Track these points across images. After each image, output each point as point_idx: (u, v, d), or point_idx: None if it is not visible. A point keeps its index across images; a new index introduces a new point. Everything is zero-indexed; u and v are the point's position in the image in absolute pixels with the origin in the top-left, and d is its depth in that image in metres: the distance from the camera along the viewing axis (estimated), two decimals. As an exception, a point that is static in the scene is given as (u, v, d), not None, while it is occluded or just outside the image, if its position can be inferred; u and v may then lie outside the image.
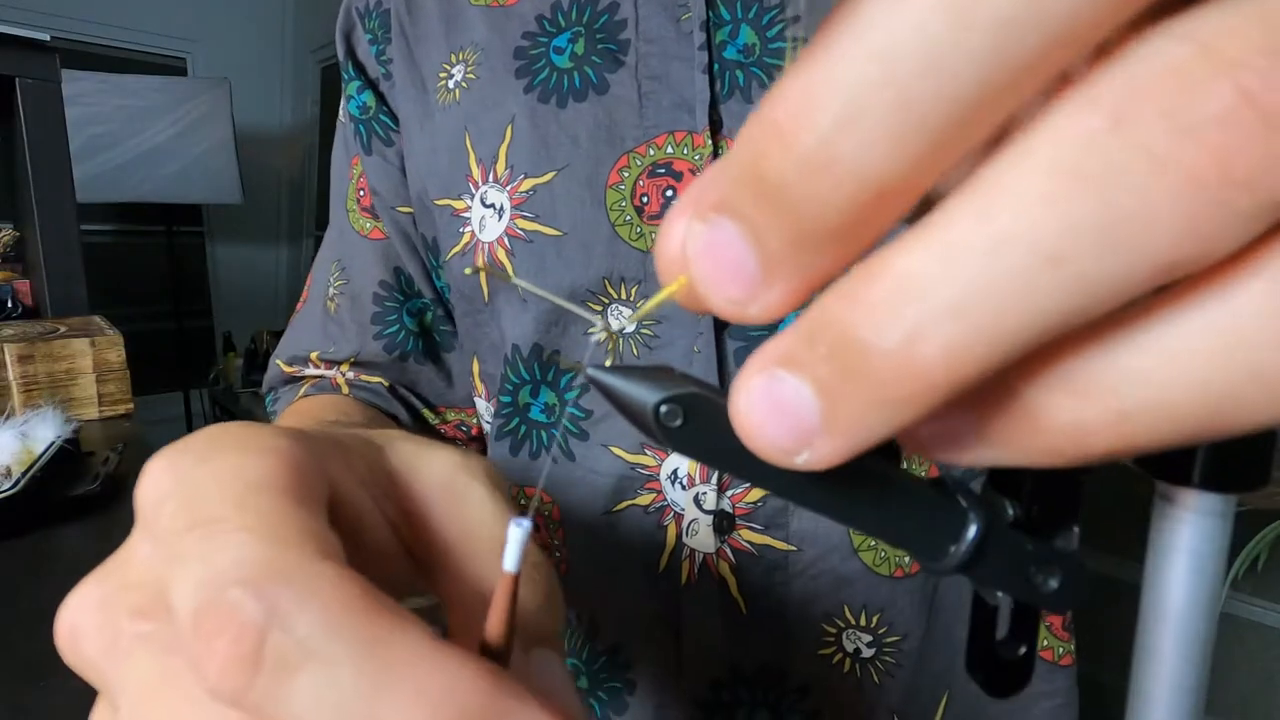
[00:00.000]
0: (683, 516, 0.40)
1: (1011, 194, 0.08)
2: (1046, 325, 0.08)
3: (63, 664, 0.15)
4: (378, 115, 0.49)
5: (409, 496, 0.17)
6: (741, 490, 0.40)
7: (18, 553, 0.57)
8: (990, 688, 0.16)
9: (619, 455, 0.41)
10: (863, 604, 0.41)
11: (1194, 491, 0.14)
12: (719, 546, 0.40)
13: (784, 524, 0.40)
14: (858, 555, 0.40)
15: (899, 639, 0.41)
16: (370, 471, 0.17)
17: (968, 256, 0.08)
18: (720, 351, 0.39)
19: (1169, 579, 0.14)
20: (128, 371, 0.99)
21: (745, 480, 0.13)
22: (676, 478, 0.40)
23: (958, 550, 0.14)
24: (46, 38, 1.16)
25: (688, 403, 0.13)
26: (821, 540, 0.40)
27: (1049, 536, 0.15)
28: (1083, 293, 0.08)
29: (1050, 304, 0.08)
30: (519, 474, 0.47)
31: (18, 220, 1.36)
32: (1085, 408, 0.09)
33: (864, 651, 0.41)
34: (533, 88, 0.41)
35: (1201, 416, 0.09)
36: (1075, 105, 0.08)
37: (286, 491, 0.14)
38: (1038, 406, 0.10)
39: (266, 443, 0.14)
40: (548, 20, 0.41)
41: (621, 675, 0.44)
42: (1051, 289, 0.08)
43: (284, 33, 3.18)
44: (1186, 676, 0.15)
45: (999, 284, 0.08)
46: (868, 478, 0.14)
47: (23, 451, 0.65)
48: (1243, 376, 0.08)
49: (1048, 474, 0.14)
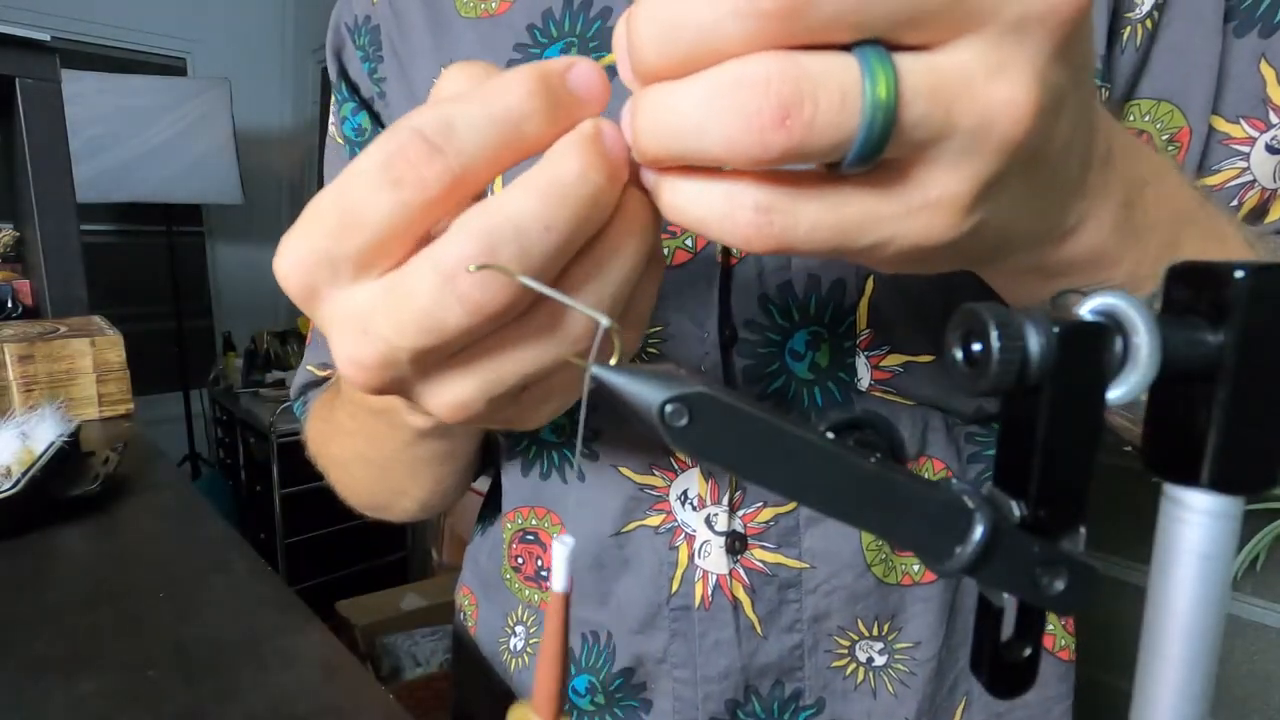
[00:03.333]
0: (694, 538, 0.40)
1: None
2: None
3: (63, 664, 0.15)
4: (372, 137, 0.48)
5: None
6: (753, 510, 0.39)
7: (18, 553, 0.57)
8: (995, 688, 0.16)
9: (627, 476, 0.41)
10: (874, 614, 0.41)
11: (1201, 493, 0.14)
12: (732, 567, 0.40)
13: (796, 542, 0.39)
14: (870, 570, 0.40)
15: (910, 646, 0.41)
16: None
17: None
18: (727, 369, 0.38)
19: (1175, 581, 0.14)
20: (128, 371, 0.99)
21: (751, 481, 0.13)
22: (687, 498, 0.40)
23: (964, 551, 0.14)
24: (46, 38, 1.16)
25: (693, 402, 0.13)
26: (834, 557, 0.39)
27: (1055, 538, 0.14)
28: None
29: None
30: (530, 495, 0.46)
31: (18, 220, 1.35)
32: None
33: (876, 660, 0.41)
34: None
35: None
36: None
37: None
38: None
39: None
40: (539, 30, 0.40)
41: (638, 695, 0.43)
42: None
43: (284, 33, 3.18)
44: (1192, 679, 0.14)
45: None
46: (874, 479, 0.14)
47: (23, 451, 0.65)
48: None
49: (1054, 476, 0.14)
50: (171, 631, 0.46)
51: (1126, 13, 0.35)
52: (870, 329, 0.37)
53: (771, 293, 0.37)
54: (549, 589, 0.17)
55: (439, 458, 0.40)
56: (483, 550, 0.53)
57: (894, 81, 0.16)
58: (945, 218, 0.18)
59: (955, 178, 0.17)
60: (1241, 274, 0.14)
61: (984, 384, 0.14)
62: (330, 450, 0.46)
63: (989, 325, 0.14)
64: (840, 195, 0.18)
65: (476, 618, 0.53)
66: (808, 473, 0.13)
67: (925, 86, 0.16)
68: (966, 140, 0.17)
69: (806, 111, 0.15)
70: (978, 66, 0.16)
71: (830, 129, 0.16)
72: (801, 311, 0.37)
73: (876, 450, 0.15)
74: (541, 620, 0.47)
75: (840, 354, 0.38)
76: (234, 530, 0.62)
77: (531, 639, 0.48)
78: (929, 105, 0.16)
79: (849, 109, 0.16)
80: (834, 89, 0.15)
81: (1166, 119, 0.36)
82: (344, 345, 0.20)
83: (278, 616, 0.48)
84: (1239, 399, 0.14)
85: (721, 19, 0.15)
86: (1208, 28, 0.35)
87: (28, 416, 0.69)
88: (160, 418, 2.73)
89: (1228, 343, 0.14)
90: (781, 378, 0.38)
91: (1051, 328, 0.14)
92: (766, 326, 0.38)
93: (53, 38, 1.17)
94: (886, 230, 0.18)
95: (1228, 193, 0.36)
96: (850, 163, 0.16)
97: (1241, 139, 0.35)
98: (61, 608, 0.49)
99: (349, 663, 0.43)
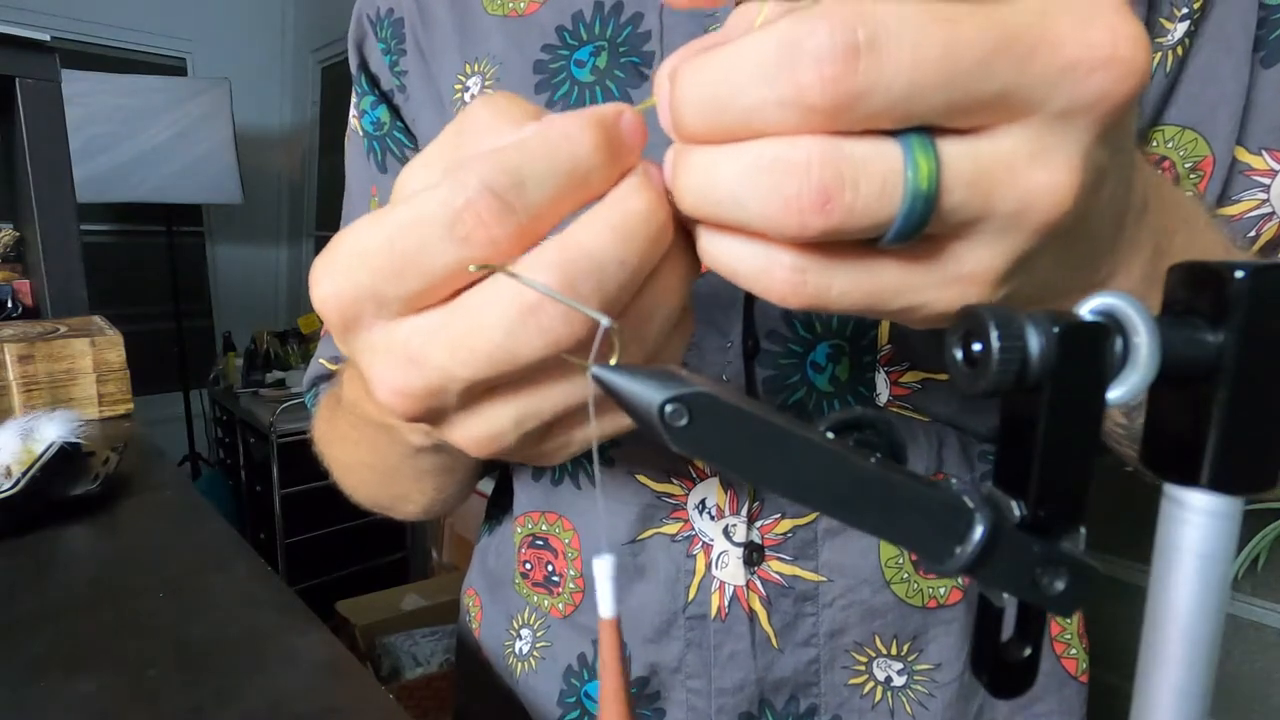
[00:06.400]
0: (711, 547, 0.40)
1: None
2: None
3: (63, 664, 0.15)
4: (391, 132, 0.48)
5: None
6: (771, 521, 0.39)
7: (18, 553, 0.57)
8: (995, 689, 0.16)
9: (645, 483, 0.41)
10: (894, 634, 0.40)
11: (1201, 493, 0.14)
12: (749, 579, 0.40)
13: (814, 555, 0.39)
14: (889, 588, 0.40)
15: (931, 668, 0.41)
16: None
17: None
18: (750, 379, 0.38)
19: (1175, 581, 0.14)
20: (128, 371, 0.99)
21: (751, 481, 0.13)
22: (705, 508, 0.40)
23: (964, 551, 0.14)
24: (46, 38, 1.16)
25: (693, 402, 0.13)
26: (851, 571, 0.39)
27: (1055, 538, 0.14)
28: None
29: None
30: (541, 500, 0.46)
31: (18, 220, 1.35)
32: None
33: (895, 680, 0.41)
34: (553, 103, 0.40)
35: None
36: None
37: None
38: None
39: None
40: (569, 32, 0.40)
41: (651, 704, 0.43)
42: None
43: (284, 33, 3.18)
44: (1192, 679, 0.14)
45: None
46: (874, 479, 0.14)
47: (23, 451, 0.65)
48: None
49: (1054, 476, 0.14)
50: (171, 631, 0.46)
51: (1158, 38, 0.34)
52: (891, 344, 0.37)
53: None
54: (585, 608, 0.17)
55: (441, 469, 0.40)
56: (490, 551, 0.53)
57: (936, 170, 0.16)
58: (978, 289, 0.18)
59: (990, 254, 0.18)
60: (1241, 274, 0.14)
61: (984, 384, 0.14)
62: (333, 452, 0.46)
63: (989, 325, 0.14)
64: (875, 265, 0.18)
65: (481, 619, 0.53)
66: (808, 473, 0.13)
67: (967, 174, 0.16)
68: (1004, 222, 0.17)
69: (847, 198, 0.16)
70: (1021, 153, 0.16)
71: (869, 214, 0.16)
72: (824, 325, 0.37)
73: (876, 450, 0.15)
74: (549, 625, 0.47)
75: (860, 368, 0.38)
76: (234, 530, 0.62)
77: (539, 643, 0.47)
78: (969, 192, 0.16)
79: (889, 196, 0.16)
80: (875, 176, 0.16)
81: (1190, 147, 0.36)
82: (388, 375, 0.20)
83: (278, 616, 0.48)
84: (1239, 399, 0.14)
85: (767, 104, 0.15)
86: (1237, 57, 0.34)
87: (33, 416, 0.69)
88: (160, 418, 2.73)
89: (1228, 343, 0.14)
90: (802, 390, 0.38)
91: (1051, 328, 0.14)
92: (789, 339, 0.38)
93: (53, 38, 1.17)
94: (918, 299, 0.18)
95: (1246, 223, 0.36)
96: (888, 242, 0.17)
97: (1263, 170, 0.35)
98: (61, 608, 0.49)
99: (349, 663, 0.43)
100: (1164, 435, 0.15)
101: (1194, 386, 0.14)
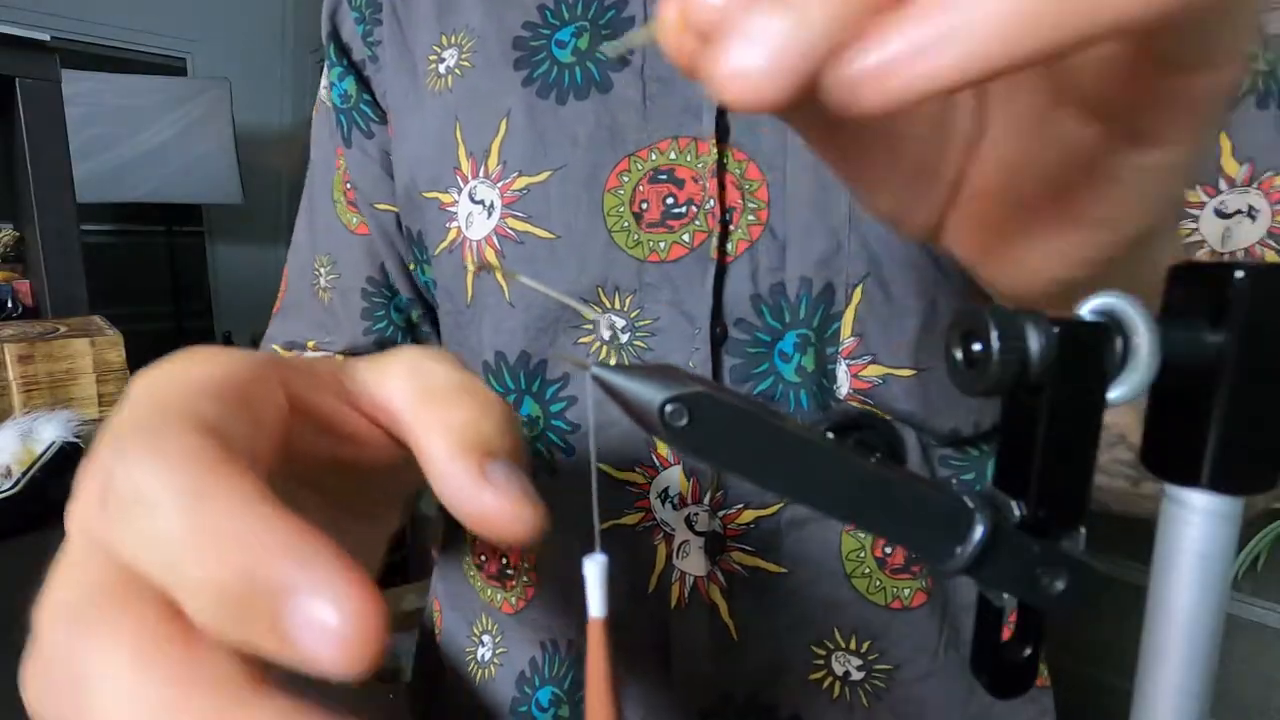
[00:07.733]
0: (673, 537, 0.39)
1: None
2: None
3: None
4: (358, 105, 0.47)
5: (379, 386, 0.20)
6: (734, 510, 0.38)
7: (18, 553, 0.57)
8: (995, 689, 0.16)
9: (605, 471, 0.39)
10: (853, 629, 0.39)
11: (1201, 493, 0.14)
12: (710, 569, 0.39)
13: (776, 546, 0.38)
14: (850, 581, 0.39)
15: (891, 668, 0.40)
16: (336, 378, 0.20)
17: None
18: (716, 366, 0.38)
19: (1175, 581, 0.14)
20: (128, 371, 0.99)
21: (751, 481, 0.13)
22: (668, 496, 0.39)
23: (964, 551, 0.14)
24: (46, 38, 1.16)
25: (693, 402, 0.13)
26: (813, 564, 0.39)
27: (1055, 538, 0.15)
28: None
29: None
30: None
31: (18, 220, 1.35)
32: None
33: (853, 675, 0.40)
34: (531, 81, 0.39)
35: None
36: None
37: (208, 392, 0.16)
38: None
39: (216, 357, 0.17)
40: (550, 11, 0.39)
41: None
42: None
43: (284, 33, 3.18)
44: (1192, 680, 0.14)
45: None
46: (874, 480, 0.14)
47: (23, 451, 0.65)
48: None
49: (1054, 475, 0.14)
50: (171, 631, 0.46)
51: None
52: (855, 337, 0.37)
53: (764, 292, 0.37)
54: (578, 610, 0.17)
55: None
56: (449, 552, 0.52)
57: None
58: None
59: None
60: (1241, 274, 0.14)
61: (984, 384, 0.14)
62: None
63: (989, 325, 0.14)
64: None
65: (441, 625, 0.51)
66: (808, 473, 0.13)
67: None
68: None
69: None
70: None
71: None
72: (792, 313, 0.37)
73: (876, 450, 0.15)
74: (504, 629, 0.46)
75: (823, 360, 0.37)
76: (234, 530, 0.62)
77: (499, 649, 0.46)
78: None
79: None
80: None
81: None
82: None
83: (278, 616, 0.48)
84: (1239, 399, 0.14)
85: None
86: None
87: (35, 416, 0.69)
88: (160, 418, 2.73)
89: (1227, 343, 0.14)
90: (770, 379, 0.38)
91: (1052, 327, 0.14)
92: (757, 327, 0.37)
93: (53, 38, 1.17)
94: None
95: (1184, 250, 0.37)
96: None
97: (1195, 204, 0.36)
98: (61, 608, 0.49)
99: (349, 662, 0.43)
100: (1164, 435, 0.15)
101: (1194, 386, 0.14)
